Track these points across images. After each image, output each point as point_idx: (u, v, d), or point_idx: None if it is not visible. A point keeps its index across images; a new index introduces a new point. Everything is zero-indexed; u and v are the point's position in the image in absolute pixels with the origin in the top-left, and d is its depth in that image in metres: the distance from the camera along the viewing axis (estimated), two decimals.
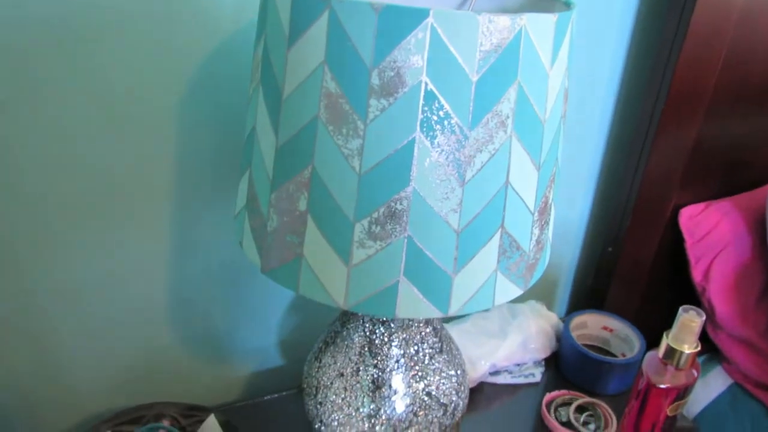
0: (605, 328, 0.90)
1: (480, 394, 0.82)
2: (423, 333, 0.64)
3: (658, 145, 0.87)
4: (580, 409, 0.80)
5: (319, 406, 0.66)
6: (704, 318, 0.60)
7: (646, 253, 0.96)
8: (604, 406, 0.79)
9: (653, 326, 0.86)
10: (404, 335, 0.63)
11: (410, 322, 0.63)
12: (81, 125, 0.60)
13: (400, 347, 0.63)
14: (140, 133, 0.62)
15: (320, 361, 0.67)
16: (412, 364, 0.64)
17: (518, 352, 0.84)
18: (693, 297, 0.97)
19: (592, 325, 0.90)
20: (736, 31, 0.82)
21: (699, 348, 0.62)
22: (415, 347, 0.64)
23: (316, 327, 0.86)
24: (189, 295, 0.73)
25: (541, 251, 0.54)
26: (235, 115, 0.66)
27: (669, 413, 0.64)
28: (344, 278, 0.47)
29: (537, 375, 0.85)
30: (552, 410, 0.79)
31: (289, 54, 0.42)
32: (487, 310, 0.89)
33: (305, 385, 0.69)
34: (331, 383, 0.65)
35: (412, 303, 0.47)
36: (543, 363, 0.87)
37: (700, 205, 0.96)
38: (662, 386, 0.63)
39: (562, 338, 0.87)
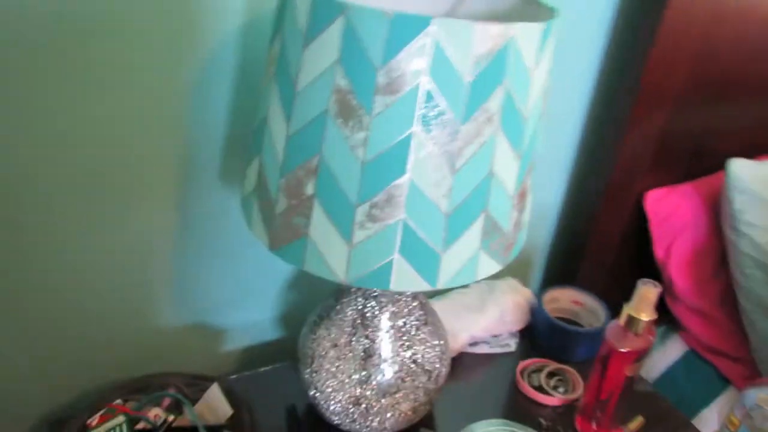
0: (575, 302, 0.97)
1: (460, 363, 0.88)
2: (410, 307, 0.70)
3: (629, 136, 0.94)
4: (551, 375, 0.87)
5: (314, 375, 0.71)
6: (660, 290, 0.68)
7: (614, 233, 1.03)
8: (572, 371, 0.87)
9: (620, 300, 0.93)
10: (393, 308, 0.69)
11: (399, 296, 0.68)
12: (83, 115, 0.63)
13: (389, 320, 0.69)
14: (147, 120, 0.66)
15: (315, 334, 0.72)
16: (400, 335, 0.69)
17: (495, 324, 0.91)
18: (656, 272, 1.05)
19: (564, 300, 0.98)
20: (701, 40, 0.90)
21: (655, 317, 0.69)
22: (403, 320, 0.70)
23: (311, 303, 0.91)
24: (188, 271, 0.77)
25: (519, 232, 0.60)
26: (243, 104, 0.70)
27: (627, 374, 0.72)
28: (346, 256, 0.52)
29: (512, 345, 0.92)
30: (525, 376, 0.86)
31: (305, 52, 0.46)
32: (467, 286, 0.95)
33: (300, 356, 0.74)
34: (326, 353, 0.71)
35: (405, 277, 0.52)
36: (518, 334, 0.94)
37: (664, 189, 1.03)
38: (623, 350, 0.70)
39: (535, 311, 0.94)
